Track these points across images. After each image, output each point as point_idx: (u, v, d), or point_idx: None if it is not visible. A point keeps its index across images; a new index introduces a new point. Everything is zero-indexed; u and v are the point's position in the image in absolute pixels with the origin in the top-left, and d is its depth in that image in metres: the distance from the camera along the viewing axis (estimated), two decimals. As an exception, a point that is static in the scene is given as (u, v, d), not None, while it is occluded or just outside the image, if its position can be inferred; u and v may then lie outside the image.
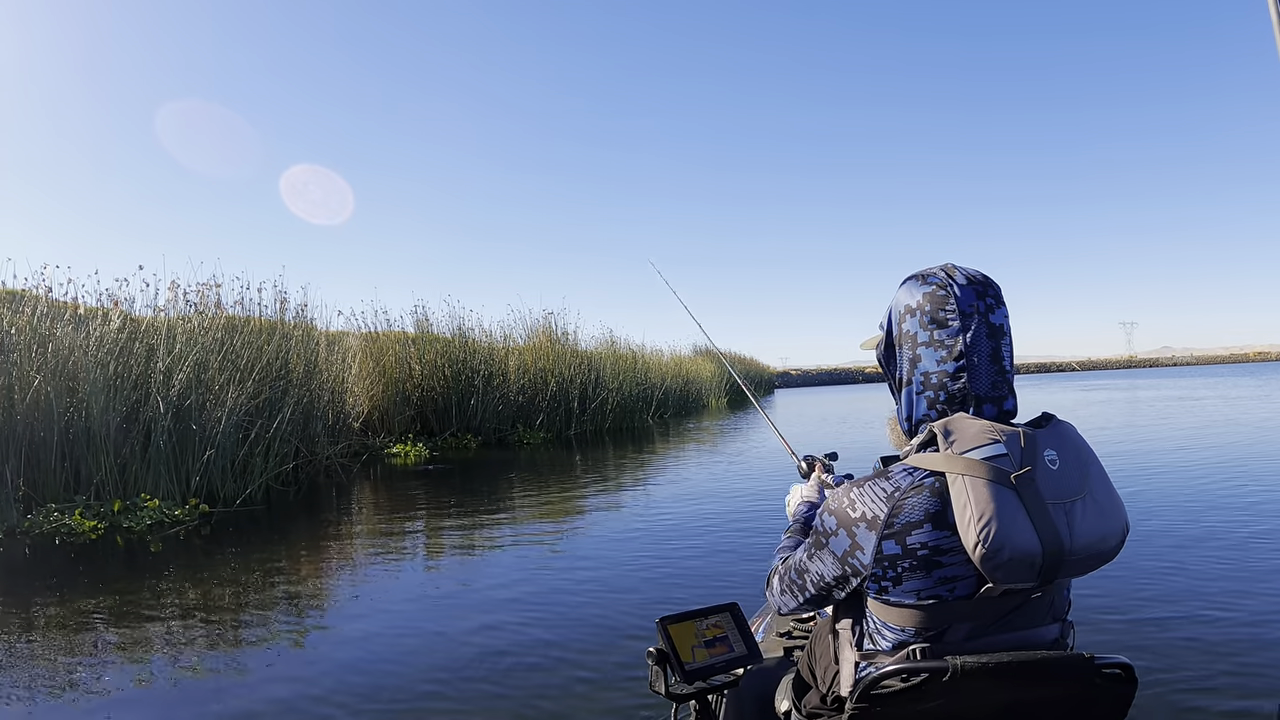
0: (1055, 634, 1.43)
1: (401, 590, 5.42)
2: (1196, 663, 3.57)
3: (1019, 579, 1.28)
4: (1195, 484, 8.25)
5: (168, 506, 8.03)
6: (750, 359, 52.09)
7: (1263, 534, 5.96)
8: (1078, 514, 1.31)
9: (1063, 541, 1.28)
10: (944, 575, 1.32)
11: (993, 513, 1.24)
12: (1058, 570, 1.29)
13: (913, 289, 1.47)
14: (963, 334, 1.40)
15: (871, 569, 1.35)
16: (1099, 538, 1.32)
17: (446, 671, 3.83)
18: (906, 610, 1.35)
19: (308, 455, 11.28)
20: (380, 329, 17.20)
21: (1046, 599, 1.39)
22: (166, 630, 4.60)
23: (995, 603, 1.34)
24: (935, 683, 1.31)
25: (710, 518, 7.69)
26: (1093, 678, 1.35)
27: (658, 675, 1.78)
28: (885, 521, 1.32)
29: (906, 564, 1.32)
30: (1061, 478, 1.32)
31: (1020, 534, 1.25)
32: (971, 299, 1.42)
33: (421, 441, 15.36)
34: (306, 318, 12.97)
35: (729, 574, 5.47)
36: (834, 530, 1.40)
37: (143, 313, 10.85)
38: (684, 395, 28.72)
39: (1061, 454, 1.34)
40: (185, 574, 6.00)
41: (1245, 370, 61.01)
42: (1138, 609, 4.36)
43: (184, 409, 9.07)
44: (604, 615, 4.67)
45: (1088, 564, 1.33)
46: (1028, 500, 1.27)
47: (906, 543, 1.31)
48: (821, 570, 1.46)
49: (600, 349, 22.14)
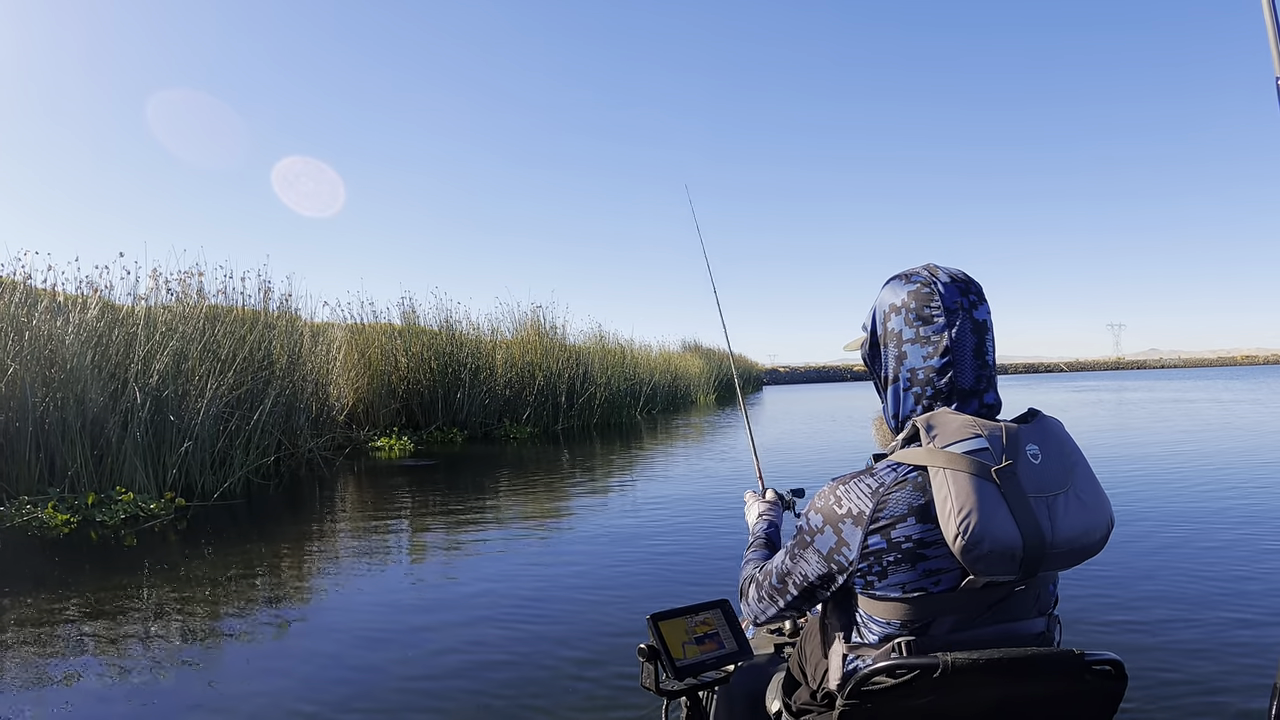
0: (1041, 628, 1.44)
1: (382, 589, 5.28)
2: (1190, 662, 3.56)
3: (1000, 571, 1.30)
4: (1192, 486, 8.19)
5: (143, 500, 7.85)
6: (739, 355, 52.09)
7: (1261, 535, 5.90)
8: (1060, 508, 1.33)
9: (1044, 535, 1.30)
10: (928, 568, 1.33)
11: (973, 505, 1.26)
12: (1039, 564, 1.31)
13: (897, 288, 1.49)
14: (948, 329, 1.42)
15: (858, 564, 1.36)
16: (1081, 532, 1.34)
17: (430, 672, 3.72)
18: (892, 604, 1.37)
19: (290, 448, 11.11)
20: (366, 320, 17.03)
21: (1032, 593, 1.41)
22: (135, 630, 4.45)
23: (979, 595, 1.36)
24: (926, 679, 1.30)
25: (699, 514, 7.62)
26: (1082, 674, 1.35)
27: (648, 672, 1.79)
28: (871, 516, 1.34)
29: (891, 557, 1.33)
30: (1044, 472, 1.34)
31: (1000, 527, 1.27)
32: (955, 296, 1.44)
33: (406, 435, 15.20)
34: (291, 308, 12.80)
35: (718, 571, 5.40)
36: (819, 528, 1.41)
37: (123, 301, 10.67)
38: (672, 391, 28.64)
39: (1044, 449, 1.36)
40: (157, 571, 5.84)
41: (1233, 373, 61.43)
42: (1131, 608, 4.33)
43: (162, 399, 8.90)
44: (593, 612, 4.59)
45: (1070, 558, 1.35)
46: (1009, 493, 1.29)
47: (891, 537, 1.33)
48: (806, 570, 1.46)
49: (589, 343, 22.02)
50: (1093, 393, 34.41)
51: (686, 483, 10.10)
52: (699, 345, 39.23)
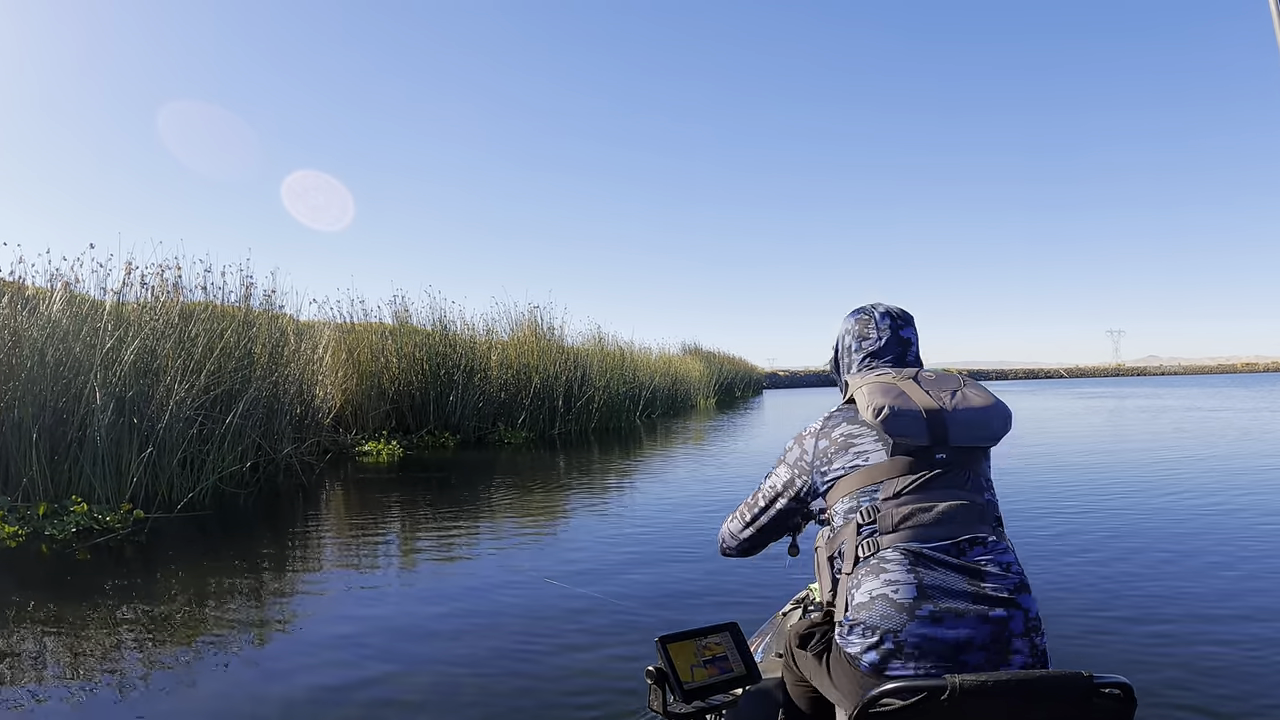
0: (982, 500, 1.77)
1: (358, 609, 4.66)
2: (1198, 683, 3.44)
3: (913, 432, 1.74)
4: (1213, 499, 7.57)
5: (100, 510, 7.20)
6: (739, 359, 51.61)
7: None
8: (953, 397, 1.81)
9: (942, 406, 1.77)
10: (859, 450, 1.82)
11: (881, 391, 1.80)
12: (945, 429, 1.75)
13: (848, 320, 2.11)
14: (878, 341, 2.04)
15: (812, 462, 1.88)
16: (977, 409, 1.78)
17: (421, 694, 3.42)
18: (843, 480, 1.81)
19: (269, 453, 10.45)
20: (357, 320, 16.37)
21: (963, 472, 1.77)
22: (73, 659, 3.80)
23: (911, 464, 1.75)
24: (933, 702, 1.35)
25: (699, 523, 7.23)
26: (1091, 697, 1.37)
27: (656, 694, 1.82)
28: (820, 430, 1.91)
29: (833, 450, 1.85)
30: (938, 382, 1.86)
31: (903, 400, 1.77)
32: (886, 322, 2.05)
33: (396, 439, 14.54)
34: (275, 304, 12.15)
35: (720, 583, 5.13)
36: (789, 448, 1.97)
37: (99, 296, 10.01)
38: (672, 395, 28.06)
39: (938, 374, 1.89)
40: (100, 592, 5.19)
41: (1237, 381, 60.92)
42: (1138, 627, 4.20)
43: (127, 400, 8.25)
44: (591, 628, 4.33)
45: (973, 430, 1.78)
46: (908, 388, 1.82)
47: (832, 435, 1.87)
48: (775, 481, 1.98)
49: (587, 345, 21.39)
50: (1099, 400, 33.82)
51: (690, 492, 9.59)
52: (699, 348, 38.70)
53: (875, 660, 1.60)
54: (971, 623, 1.58)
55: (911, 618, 1.59)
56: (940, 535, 1.68)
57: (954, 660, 1.56)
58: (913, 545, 1.67)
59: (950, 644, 1.57)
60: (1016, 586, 1.65)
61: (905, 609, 1.60)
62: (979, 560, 1.67)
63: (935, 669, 1.54)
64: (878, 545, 1.70)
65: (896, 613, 1.60)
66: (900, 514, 1.70)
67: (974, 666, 1.55)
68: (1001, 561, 1.68)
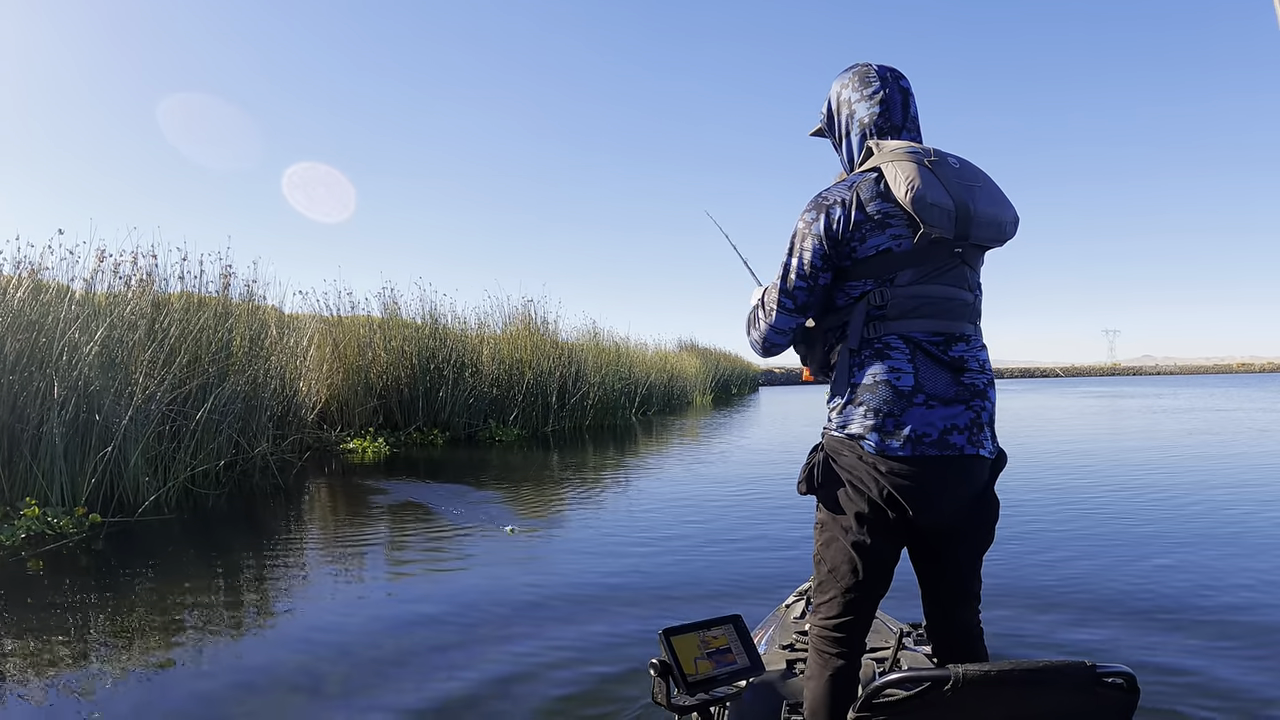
0: (971, 298, 1.93)
1: (334, 619, 4.21)
2: (1210, 669, 3.36)
3: (940, 223, 1.79)
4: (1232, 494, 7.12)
5: (54, 514, 6.67)
6: (735, 356, 51.15)
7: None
8: (978, 194, 1.86)
9: (969, 204, 1.82)
10: (893, 233, 1.85)
11: (915, 174, 1.79)
12: (969, 225, 1.82)
13: (843, 76, 2.07)
14: (883, 89, 2.00)
15: (846, 231, 1.86)
16: (995, 213, 1.88)
17: (419, 699, 3.24)
18: (871, 261, 1.86)
19: (247, 450, 9.92)
20: (344, 312, 15.83)
21: (965, 269, 1.91)
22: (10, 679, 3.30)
23: (929, 253, 1.84)
24: (937, 692, 1.35)
25: (697, 521, 7.09)
26: (1094, 687, 1.36)
27: (659, 686, 1.84)
28: (853, 200, 1.87)
29: (868, 226, 1.86)
30: (963, 172, 1.88)
31: (935, 190, 1.78)
32: (885, 72, 2.03)
33: (383, 436, 14.03)
34: (256, 295, 11.60)
35: (719, 579, 5.05)
36: (814, 219, 1.92)
37: (72, 285, 9.46)
38: (668, 391, 27.60)
39: (962, 161, 1.91)
40: (46, 606, 4.68)
41: (1235, 381, 60.74)
42: (1147, 616, 4.14)
43: (89, 394, 7.72)
44: (588, 626, 4.16)
45: (989, 230, 1.87)
46: (940, 174, 1.82)
47: (868, 211, 1.86)
48: (804, 256, 1.93)
49: (582, 340, 20.87)
50: (1096, 399, 33.45)
51: (687, 489, 9.23)
52: (695, 345, 38.23)
53: (877, 441, 1.81)
54: (957, 411, 1.82)
55: (910, 405, 1.81)
56: (937, 329, 1.86)
57: (944, 443, 1.80)
58: (914, 335, 1.84)
59: (940, 429, 1.80)
60: (988, 382, 1.91)
61: (905, 395, 1.81)
62: (962, 354, 1.87)
63: (932, 449, 1.79)
64: (885, 330, 1.86)
65: (897, 398, 1.81)
66: (910, 304, 1.84)
67: (957, 447, 1.81)
68: (979, 358, 1.92)
